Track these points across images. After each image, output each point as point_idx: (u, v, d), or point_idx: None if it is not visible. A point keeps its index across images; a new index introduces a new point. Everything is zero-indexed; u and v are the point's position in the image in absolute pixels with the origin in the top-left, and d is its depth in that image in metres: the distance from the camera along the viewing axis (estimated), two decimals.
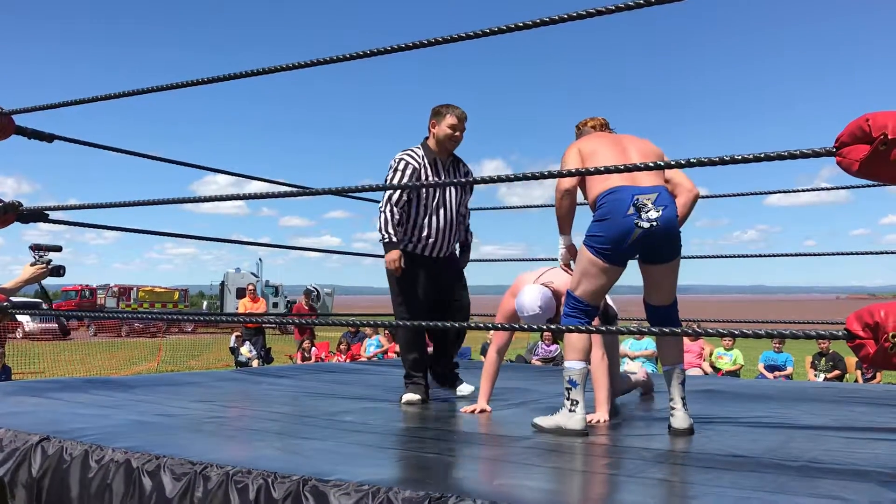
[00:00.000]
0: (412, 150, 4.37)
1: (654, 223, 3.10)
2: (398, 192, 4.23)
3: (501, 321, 4.01)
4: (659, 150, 3.40)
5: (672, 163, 2.35)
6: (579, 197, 3.44)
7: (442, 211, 4.36)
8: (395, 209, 4.25)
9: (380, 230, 4.28)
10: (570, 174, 2.90)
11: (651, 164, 2.32)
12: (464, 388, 4.61)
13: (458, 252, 4.73)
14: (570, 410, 3.21)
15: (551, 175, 2.72)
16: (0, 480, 2.74)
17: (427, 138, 4.43)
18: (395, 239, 4.25)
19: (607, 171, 2.37)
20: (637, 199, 3.11)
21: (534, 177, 2.56)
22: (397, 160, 4.33)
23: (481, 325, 2.86)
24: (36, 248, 3.95)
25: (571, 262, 3.50)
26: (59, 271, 3.97)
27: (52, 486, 2.64)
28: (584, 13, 2.34)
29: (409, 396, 4.23)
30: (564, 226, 3.49)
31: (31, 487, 2.68)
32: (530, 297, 3.69)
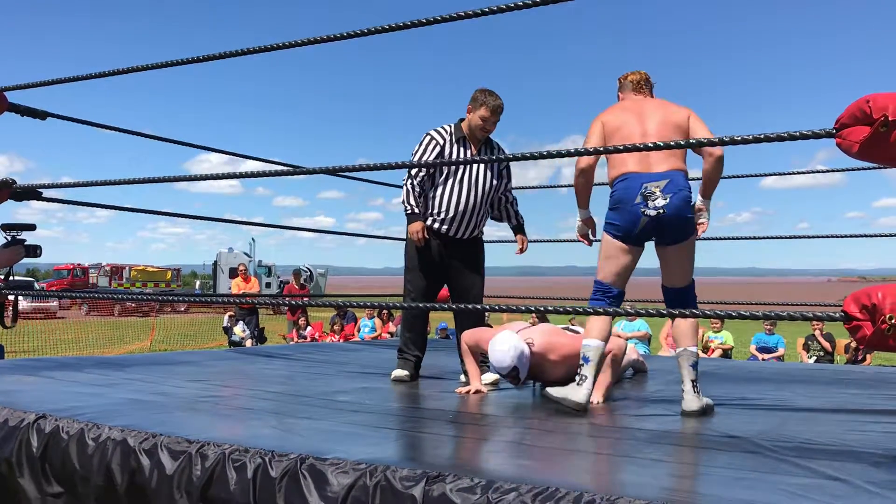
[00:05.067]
0: (442, 127, 4.42)
1: (661, 211, 3.19)
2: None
3: (473, 343, 4.00)
4: (683, 117, 3.36)
5: (672, 143, 2.34)
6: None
7: (467, 191, 4.32)
8: (414, 182, 4.31)
9: (402, 202, 4.36)
10: (568, 154, 2.92)
11: (661, 144, 2.32)
12: (487, 377, 4.27)
13: (513, 235, 4.71)
14: (577, 384, 3.25)
15: (567, 154, 2.72)
16: (7, 461, 2.72)
17: (463, 119, 4.42)
18: (417, 210, 4.30)
19: (603, 151, 2.37)
20: (645, 188, 3.20)
21: (549, 155, 2.56)
22: (425, 135, 4.40)
23: (471, 305, 2.86)
24: (7, 227, 3.69)
25: (589, 234, 3.61)
26: (35, 251, 3.72)
27: (55, 463, 2.64)
28: None
29: (397, 372, 4.35)
30: (581, 200, 3.58)
31: (35, 465, 2.68)
32: (504, 347, 3.61)
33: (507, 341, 3.61)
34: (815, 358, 10.83)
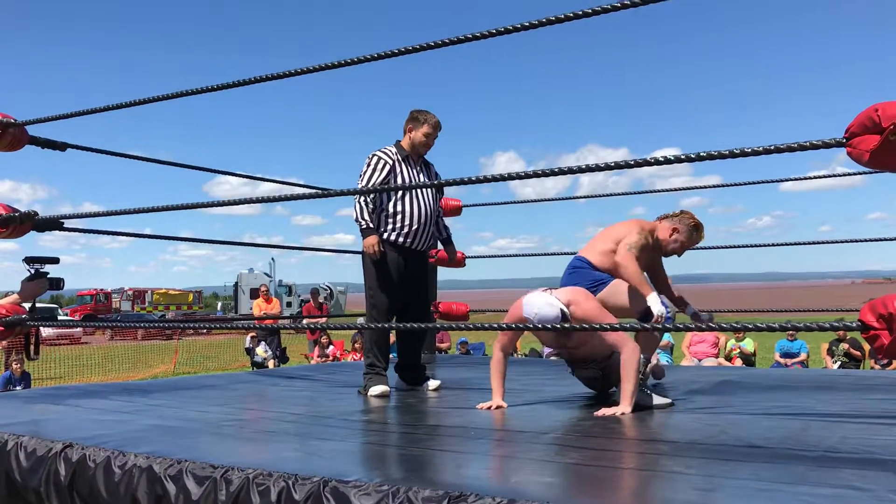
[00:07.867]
0: (386, 149, 4.64)
1: None
2: (370, 184, 4.47)
3: (513, 320, 4.02)
4: (623, 230, 4.21)
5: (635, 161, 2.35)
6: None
7: (423, 205, 4.59)
8: (367, 199, 4.48)
9: (356, 219, 4.51)
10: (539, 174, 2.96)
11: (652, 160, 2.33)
12: (432, 383, 4.74)
13: (442, 246, 5.00)
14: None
15: (524, 176, 2.74)
16: (35, 491, 2.76)
17: (401, 140, 4.70)
18: (371, 225, 4.48)
19: (569, 170, 2.38)
20: None
21: (516, 177, 2.57)
22: (371, 157, 4.59)
23: (494, 325, 2.88)
24: (30, 260, 3.72)
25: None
26: (58, 284, 3.80)
27: (82, 492, 2.67)
28: (592, 11, 2.35)
29: (381, 389, 4.43)
30: None
31: (63, 494, 2.72)
32: (541, 301, 3.74)
33: (541, 297, 3.77)
34: (839, 363, 10.72)
